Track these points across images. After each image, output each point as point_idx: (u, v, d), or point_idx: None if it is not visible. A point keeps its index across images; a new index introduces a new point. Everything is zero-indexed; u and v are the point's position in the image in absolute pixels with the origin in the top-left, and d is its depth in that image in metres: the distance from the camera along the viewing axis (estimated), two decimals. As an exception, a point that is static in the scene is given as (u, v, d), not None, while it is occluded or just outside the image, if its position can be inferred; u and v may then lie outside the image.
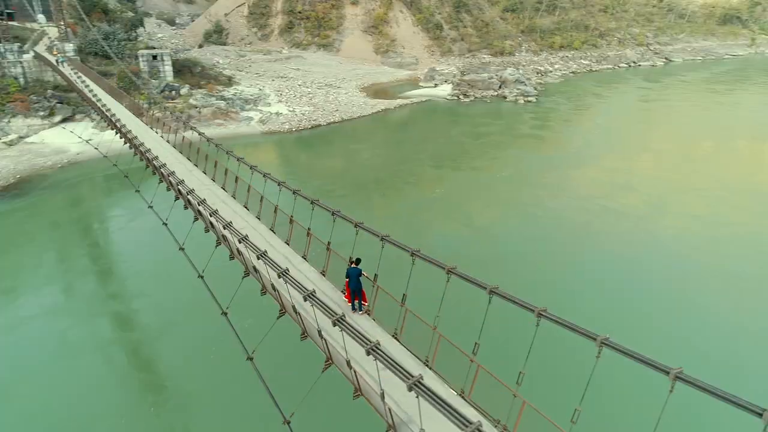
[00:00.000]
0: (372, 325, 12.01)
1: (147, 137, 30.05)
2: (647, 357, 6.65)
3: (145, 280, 30.50)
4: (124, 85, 64.52)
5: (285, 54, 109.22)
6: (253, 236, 13.58)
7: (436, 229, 35.94)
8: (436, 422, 7.14)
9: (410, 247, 10.39)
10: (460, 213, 38.32)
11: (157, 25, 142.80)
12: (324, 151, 58.15)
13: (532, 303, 8.45)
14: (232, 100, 68.73)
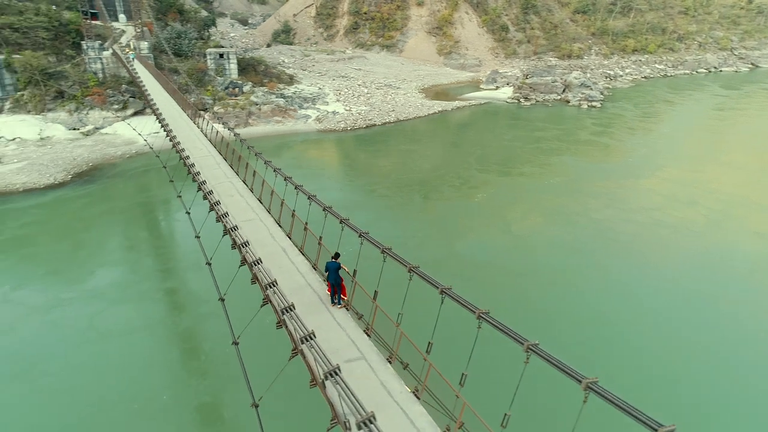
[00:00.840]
0: (346, 319, 12.21)
1: (188, 131, 31.39)
2: (566, 365, 6.47)
3: (191, 273, 31.42)
4: (192, 82, 67.97)
5: (348, 54, 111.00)
6: (259, 228, 14.04)
7: (470, 234, 35.42)
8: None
9: (409, 263, 10.25)
10: (499, 219, 37.59)
11: (231, 25, 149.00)
12: (375, 150, 58.67)
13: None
14: (291, 99, 70.76)
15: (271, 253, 14.85)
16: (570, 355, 21.52)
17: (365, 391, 9.31)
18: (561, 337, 23.80)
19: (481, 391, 12.23)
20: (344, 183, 47.21)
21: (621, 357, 22.98)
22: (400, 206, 40.92)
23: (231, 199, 19.16)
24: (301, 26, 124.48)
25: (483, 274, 29.69)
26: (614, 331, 24.78)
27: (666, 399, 20.69)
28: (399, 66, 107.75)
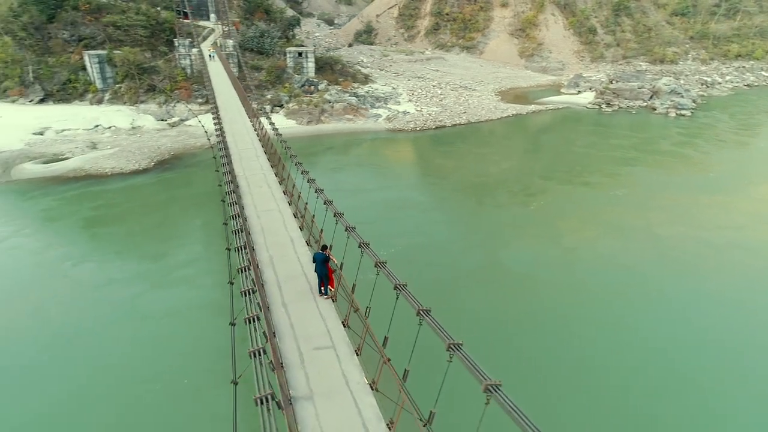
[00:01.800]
0: (329, 309, 12.46)
1: (241, 125, 32.76)
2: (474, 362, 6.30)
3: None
4: (271, 79, 71.06)
5: (427, 55, 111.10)
6: (275, 218, 14.57)
7: (516, 243, 34.22)
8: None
9: (420, 304, 9.59)
10: (551, 229, 35.97)
11: (317, 25, 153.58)
12: (440, 152, 58.41)
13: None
14: (363, 98, 72.04)
15: (278, 242, 15.45)
16: (606, 385, 20.36)
17: (324, 378, 9.62)
18: (595, 363, 22.46)
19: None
20: (402, 181, 47.31)
21: (675, 400, 20.69)
22: (452, 208, 40.52)
23: (259, 190, 20.06)
24: (383, 27, 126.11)
25: (521, 285, 28.62)
26: (665, 363, 22.58)
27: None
28: (477, 68, 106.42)
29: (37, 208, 39.69)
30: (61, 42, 67.15)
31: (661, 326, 25.26)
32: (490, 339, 23.71)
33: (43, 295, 27.27)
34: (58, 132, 57.37)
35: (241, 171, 22.36)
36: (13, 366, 21.67)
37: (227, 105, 39.06)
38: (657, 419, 19.63)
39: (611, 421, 19.64)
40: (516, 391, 19.17)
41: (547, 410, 19.46)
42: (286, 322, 11.25)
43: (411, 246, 32.08)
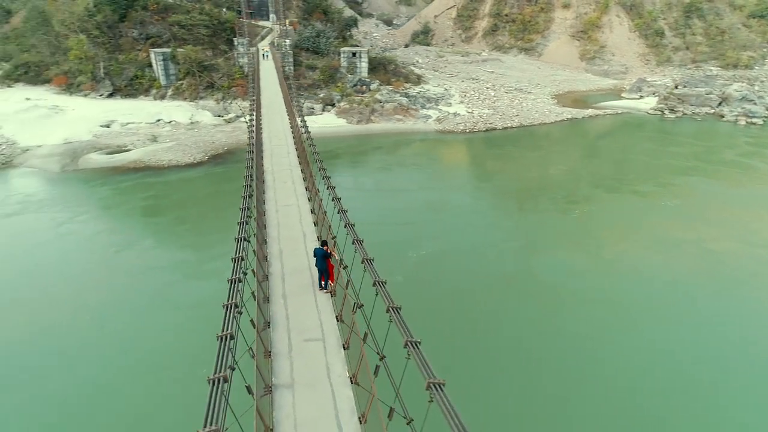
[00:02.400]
0: (326, 303, 12.70)
1: (279, 123, 33.38)
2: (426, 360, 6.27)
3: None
4: (324, 78, 72.35)
5: (483, 56, 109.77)
6: (292, 213, 14.87)
7: (552, 251, 33.12)
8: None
9: (411, 335, 9.18)
10: (591, 239, 34.61)
11: (376, 25, 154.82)
12: (487, 154, 57.75)
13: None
14: (415, 98, 72.10)
15: (291, 237, 15.82)
16: (637, 415, 19.34)
17: (308, 369, 9.86)
18: (620, 385, 21.44)
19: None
20: (445, 182, 47.03)
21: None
22: (491, 212, 39.86)
23: (283, 185, 20.59)
24: (440, 28, 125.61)
25: (549, 295, 27.55)
26: (707, 394, 20.98)
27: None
28: (535, 70, 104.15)
29: (95, 197, 42.29)
30: (131, 40, 71.05)
31: (703, 352, 23.41)
32: (508, 348, 23.14)
33: (85, 280, 28.92)
34: (123, 125, 60.68)
35: (269, 166, 23.06)
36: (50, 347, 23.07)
37: (270, 102, 40.18)
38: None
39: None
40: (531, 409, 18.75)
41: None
42: (282, 313, 11.64)
43: (443, 249, 31.87)
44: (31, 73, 73.97)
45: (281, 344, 10.34)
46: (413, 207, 39.00)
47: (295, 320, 10.25)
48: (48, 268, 30.23)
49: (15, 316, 25.18)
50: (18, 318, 25.04)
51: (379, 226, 35.17)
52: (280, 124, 34.04)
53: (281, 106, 40.69)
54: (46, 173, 47.56)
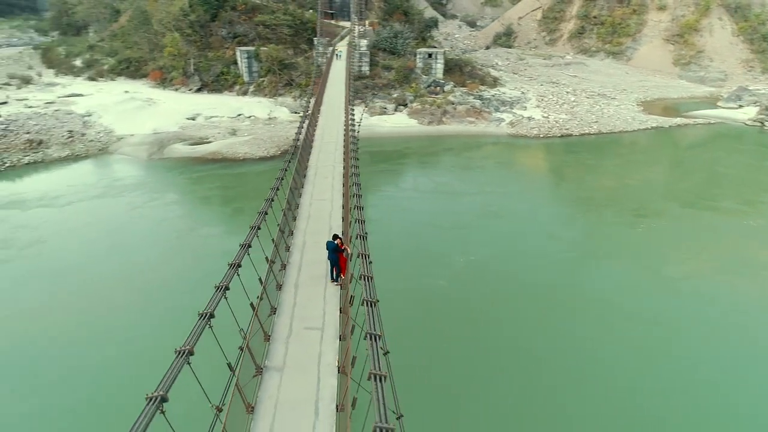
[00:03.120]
0: (333, 295, 12.97)
1: (334, 120, 33.98)
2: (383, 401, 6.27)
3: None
4: (399, 78, 72.99)
5: (567, 60, 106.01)
6: (324, 207, 15.29)
7: (606, 266, 31.18)
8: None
9: (374, 329, 9.19)
10: (654, 256, 32.12)
11: (458, 27, 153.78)
12: (558, 161, 55.84)
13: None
14: (489, 101, 71.02)
15: (317, 230, 16.25)
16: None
17: (300, 355, 10.19)
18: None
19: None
20: (508, 187, 45.89)
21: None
22: (551, 221, 38.02)
23: (323, 180, 21.15)
24: (524, 30, 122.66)
25: (596, 310, 25.97)
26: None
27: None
28: (621, 75, 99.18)
29: (172, 184, 45.38)
30: (220, 39, 75.31)
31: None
32: (540, 363, 22.07)
33: (140, 262, 30.76)
34: (207, 118, 64.45)
35: (315, 161, 23.78)
36: (102, 316, 25.04)
37: (332, 101, 41.28)
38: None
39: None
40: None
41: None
42: (290, 301, 12.11)
43: (493, 256, 31.11)
44: (132, 68, 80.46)
45: (282, 330, 10.82)
46: (470, 211, 38.50)
47: (301, 308, 10.68)
48: (119, 249, 32.54)
49: (90, 294, 27.42)
50: (92, 296, 27.26)
51: (430, 228, 35.04)
52: (335, 121, 34.88)
53: (341, 103, 41.66)
54: (135, 160, 51.57)
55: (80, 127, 57.78)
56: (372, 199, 43.60)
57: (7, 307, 25.55)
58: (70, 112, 61.37)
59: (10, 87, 72.14)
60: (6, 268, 29.34)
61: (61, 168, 48.88)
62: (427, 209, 39.28)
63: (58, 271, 29.30)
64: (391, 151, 56.79)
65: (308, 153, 25.31)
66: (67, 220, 36.74)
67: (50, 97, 67.19)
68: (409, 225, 36.32)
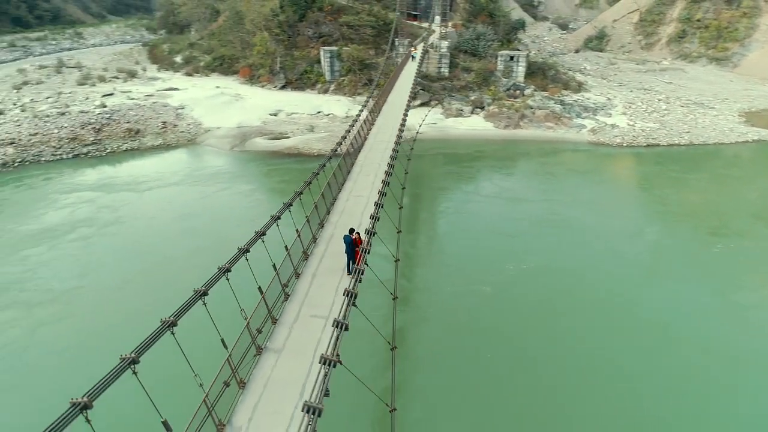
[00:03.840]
0: (346, 284, 13.13)
1: (391, 119, 34.13)
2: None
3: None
4: (478, 81, 72.21)
5: (663, 65, 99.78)
6: (359, 203, 15.68)
7: (670, 287, 28.87)
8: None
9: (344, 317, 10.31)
10: (727, 280, 29.37)
11: (549, 29, 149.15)
12: (639, 172, 52.76)
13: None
14: (570, 106, 68.50)
15: (347, 224, 16.56)
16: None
17: (300, 340, 10.57)
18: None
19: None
20: (575, 197, 43.55)
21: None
22: (615, 234, 35.67)
23: (365, 178, 21.48)
24: (618, 33, 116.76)
25: (648, 336, 24.01)
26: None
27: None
28: (724, 83, 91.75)
29: (244, 175, 47.94)
30: (305, 38, 78.24)
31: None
32: (571, 393, 21.07)
33: (204, 247, 32.27)
34: (288, 114, 67.22)
35: (363, 159, 24.23)
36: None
37: (395, 101, 41.69)
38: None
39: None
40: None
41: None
42: (305, 289, 12.61)
43: (547, 266, 29.94)
44: (225, 65, 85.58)
45: (290, 315, 11.33)
46: (530, 218, 37.33)
47: (313, 297, 11.12)
48: (187, 234, 34.75)
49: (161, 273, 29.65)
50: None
51: (485, 233, 34.43)
52: (393, 122, 35.23)
53: (401, 105, 42.01)
54: (218, 151, 54.96)
55: (173, 118, 62.39)
56: (431, 200, 43.69)
57: (86, 281, 28.28)
58: (165, 104, 66.40)
59: (118, 80, 79.23)
60: (86, 244, 32.57)
61: (153, 156, 53.13)
62: (485, 214, 38.67)
63: (131, 251, 32.02)
64: (463, 153, 56.35)
65: (358, 151, 25.91)
66: (146, 203, 40.04)
67: (150, 90, 73.07)
68: (464, 228, 36.00)
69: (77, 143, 53.97)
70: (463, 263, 30.02)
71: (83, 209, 37.89)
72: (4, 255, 30.30)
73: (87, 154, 52.66)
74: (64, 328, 23.29)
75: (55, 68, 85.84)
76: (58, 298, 25.91)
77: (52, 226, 34.64)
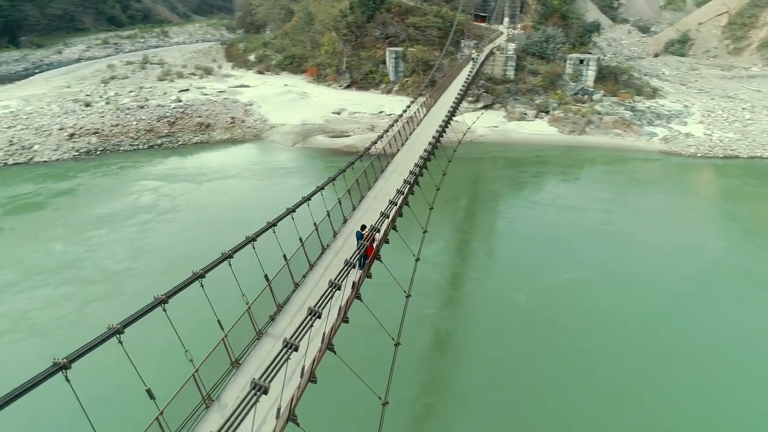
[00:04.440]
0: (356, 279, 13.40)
1: (437, 120, 33.84)
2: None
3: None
4: (544, 84, 70.46)
5: (751, 72, 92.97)
6: (384, 202, 15.93)
7: (725, 308, 26.87)
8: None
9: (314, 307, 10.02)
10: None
11: (627, 32, 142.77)
12: (711, 184, 49.65)
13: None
14: (642, 113, 65.40)
15: (370, 221, 16.71)
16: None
17: (296, 325, 10.92)
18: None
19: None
20: (643, 207, 41.58)
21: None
22: (675, 248, 33.58)
23: (399, 177, 21.52)
24: (703, 37, 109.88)
25: (697, 365, 22.33)
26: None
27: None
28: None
29: (298, 170, 49.48)
30: (372, 39, 79.30)
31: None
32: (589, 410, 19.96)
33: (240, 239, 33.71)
34: (351, 113, 68.49)
35: (400, 159, 24.35)
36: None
37: (446, 103, 41.34)
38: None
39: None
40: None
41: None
42: (315, 280, 12.98)
43: (589, 278, 28.71)
44: (294, 64, 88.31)
45: (296, 304, 11.76)
46: (580, 228, 35.93)
47: (321, 288, 11.44)
48: (236, 225, 35.96)
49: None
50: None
51: (529, 241, 33.63)
52: (436, 122, 35.10)
53: (449, 106, 41.68)
54: (280, 147, 56.97)
55: (241, 114, 65.23)
56: (477, 205, 43.24)
57: (137, 264, 30.33)
58: (235, 100, 69.48)
59: (195, 76, 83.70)
60: (142, 229, 34.98)
61: (219, 149, 55.90)
62: (533, 220, 37.83)
63: (181, 238, 34.02)
64: (521, 158, 55.26)
65: (396, 150, 26.22)
66: (203, 194, 42.34)
67: (223, 87, 76.70)
68: (507, 234, 35.45)
69: (153, 135, 57.68)
70: (500, 269, 29.66)
71: (146, 197, 40.65)
72: (71, 235, 33.16)
73: (161, 146, 56.17)
74: (111, 306, 25.22)
75: (140, 64, 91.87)
76: (110, 277, 28.04)
77: (117, 210, 37.47)
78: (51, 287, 27.25)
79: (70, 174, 46.29)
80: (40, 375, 6.93)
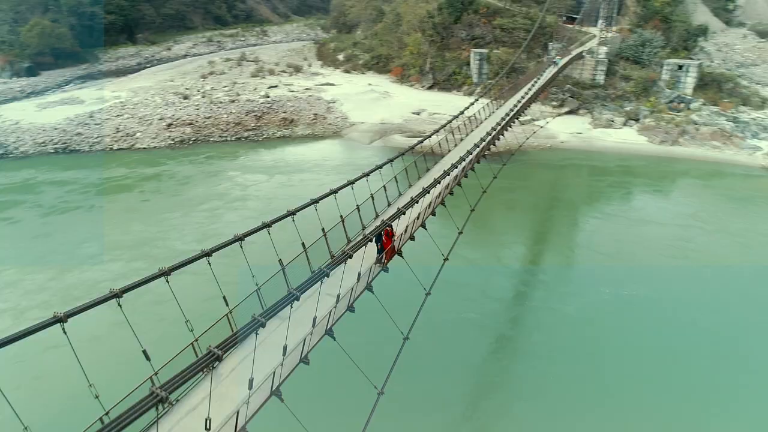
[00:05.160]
0: (372, 274, 13.95)
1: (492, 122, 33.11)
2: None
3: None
4: (637, 91, 66.75)
5: None
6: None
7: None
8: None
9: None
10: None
11: (743, 36, 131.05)
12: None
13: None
14: (745, 124, 60.08)
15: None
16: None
17: (305, 313, 11.36)
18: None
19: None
20: (733, 226, 38.05)
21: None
22: (760, 272, 30.47)
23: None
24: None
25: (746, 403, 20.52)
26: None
27: None
28: None
29: (369, 165, 49.96)
30: (458, 40, 78.96)
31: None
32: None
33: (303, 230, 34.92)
34: (430, 114, 68.72)
35: (448, 159, 24.09)
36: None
37: (510, 104, 40.36)
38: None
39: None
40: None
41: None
42: (333, 269, 13.33)
43: (650, 296, 26.88)
44: (380, 64, 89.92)
45: (310, 291, 12.21)
46: (650, 243, 33.68)
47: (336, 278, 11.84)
48: (297, 218, 37.75)
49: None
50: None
51: (587, 251, 32.04)
52: (493, 122, 34.36)
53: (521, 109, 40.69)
54: (357, 145, 58.40)
55: (324, 111, 67.56)
56: (543, 212, 41.86)
57: (202, 246, 32.37)
58: (319, 98, 72.07)
59: (285, 74, 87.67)
60: (211, 215, 37.53)
61: (299, 144, 58.34)
62: (600, 231, 35.98)
63: (244, 225, 35.76)
64: (602, 167, 52.82)
65: (447, 152, 26.07)
66: (271, 185, 44.53)
67: (309, 84, 79.77)
68: (569, 244, 34.00)
69: (240, 128, 61.31)
70: (553, 280, 28.64)
71: (221, 185, 43.66)
72: (148, 216, 36.43)
73: (247, 138, 59.59)
74: (172, 284, 27.21)
75: (236, 61, 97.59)
76: (176, 257, 30.13)
77: (193, 196, 40.62)
78: (124, 261, 30.26)
79: (160, 161, 50.52)
80: (39, 324, 7.83)
